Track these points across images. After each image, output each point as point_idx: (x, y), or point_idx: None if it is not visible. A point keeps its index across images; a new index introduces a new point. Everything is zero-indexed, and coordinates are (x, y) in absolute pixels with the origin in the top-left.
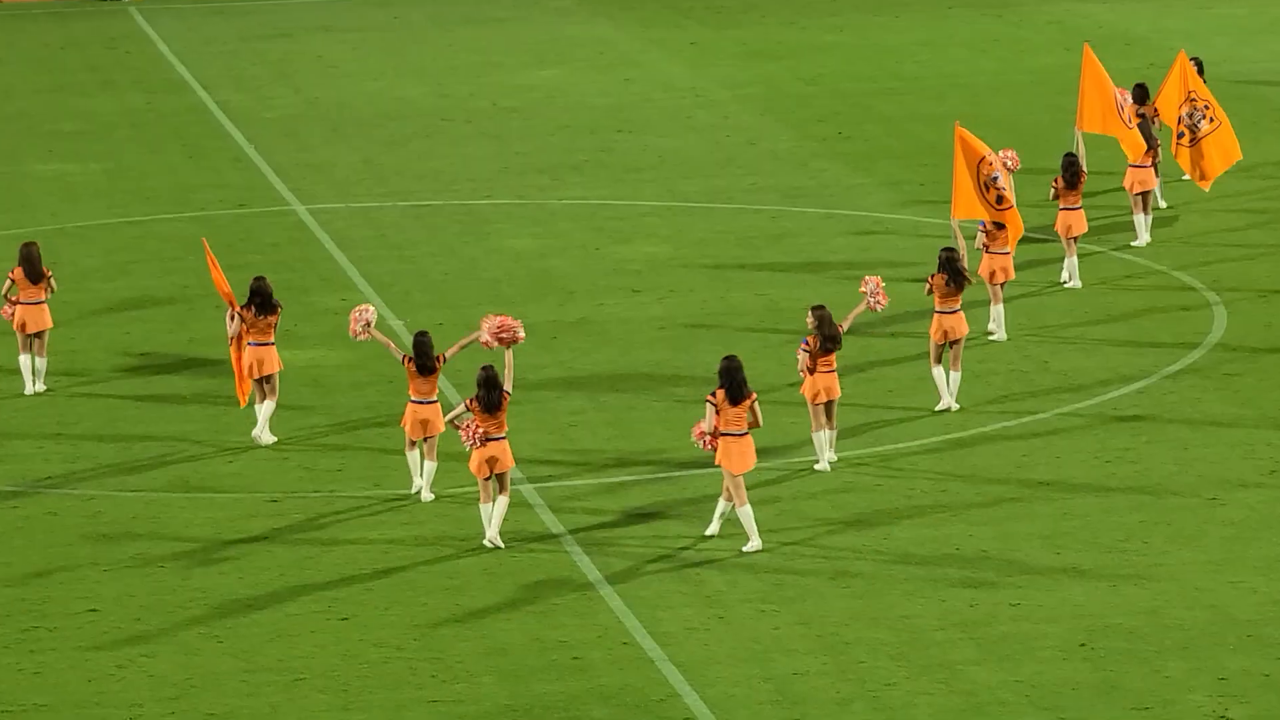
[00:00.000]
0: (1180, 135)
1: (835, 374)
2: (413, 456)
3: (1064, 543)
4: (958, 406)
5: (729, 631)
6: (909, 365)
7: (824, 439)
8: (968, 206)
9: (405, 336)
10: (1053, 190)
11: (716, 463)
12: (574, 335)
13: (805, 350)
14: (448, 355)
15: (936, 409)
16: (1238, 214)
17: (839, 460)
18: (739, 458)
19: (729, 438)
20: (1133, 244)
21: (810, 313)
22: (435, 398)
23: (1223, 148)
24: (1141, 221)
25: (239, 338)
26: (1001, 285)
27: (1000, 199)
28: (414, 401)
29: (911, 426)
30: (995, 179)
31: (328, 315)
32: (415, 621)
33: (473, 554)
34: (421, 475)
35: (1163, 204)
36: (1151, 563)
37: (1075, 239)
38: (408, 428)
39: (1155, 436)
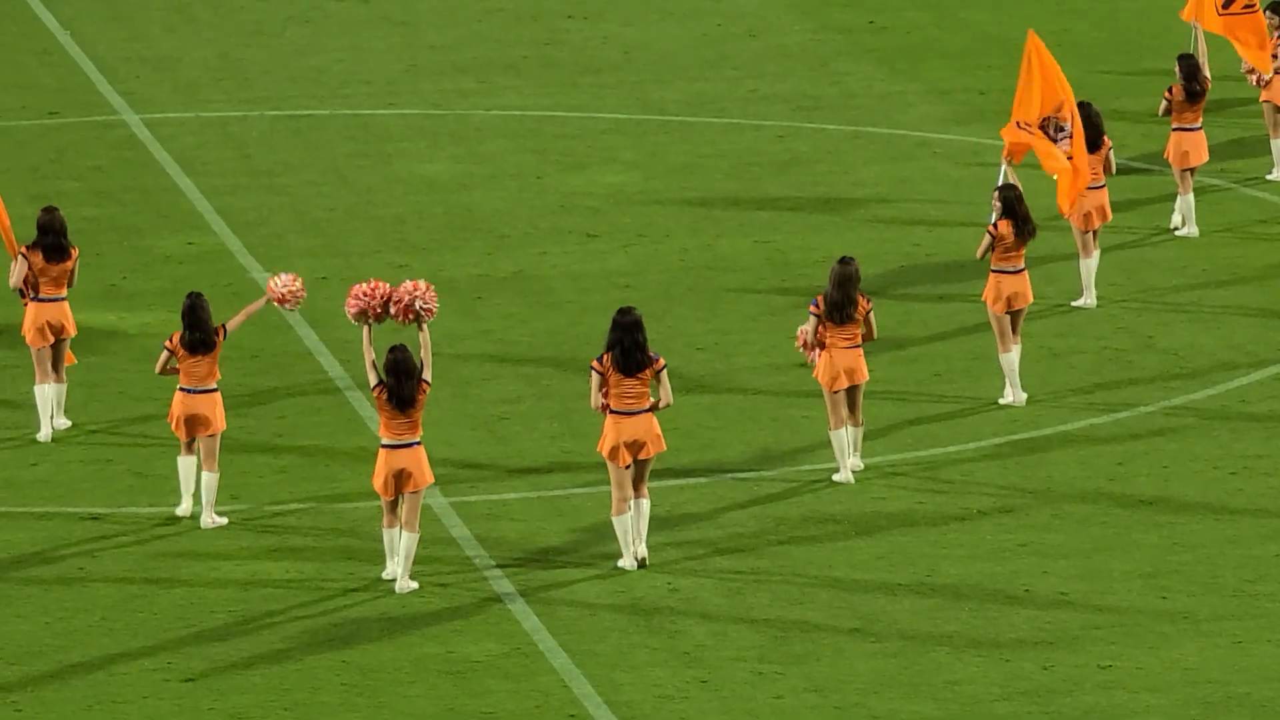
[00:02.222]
0: None
1: (861, 351)
2: (187, 465)
3: (1172, 583)
4: (1024, 398)
5: (715, 701)
6: (962, 340)
7: (846, 439)
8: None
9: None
10: (1164, 103)
11: (598, 449)
12: (506, 296)
13: (814, 313)
14: (230, 326)
15: (1001, 401)
16: None
17: (866, 468)
18: (631, 444)
19: (620, 417)
20: (1269, 176)
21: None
22: (215, 385)
23: None
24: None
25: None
26: (1095, 232)
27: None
28: (184, 391)
29: (966, 423)
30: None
31: (169, 265)
32: (285, 685)
33: (365, 593)
34: (196, 493)
35: None
36: None
37: (1193, 170)
38: (174, 425)
39: None
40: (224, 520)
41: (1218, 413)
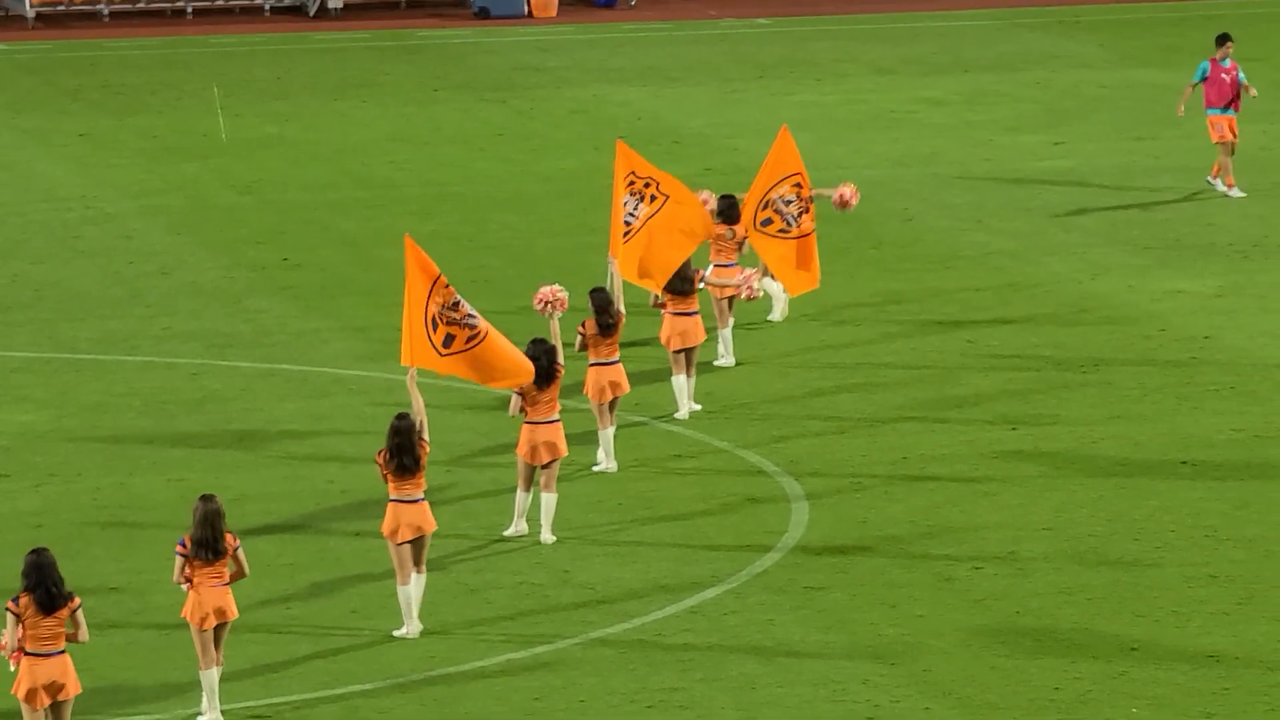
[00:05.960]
0: (767, 222)
1: (229, 589)
2: None
3: None
4: (418, 629)
5: None
6: (382, 577)
7: (209, 682)
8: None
9: None
10: (580, 338)
11: (13, 692)
12: None
13: (181, 553)
14: None
15: (397, 632)
16: (821, 371)
17: (281, 705)
18: (49, 686)
19: (36, 659)
20: (676, 415)
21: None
22: None
23: (806, 262)
24: (683, 386)
25: None
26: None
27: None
28: None
29: (384, 659)
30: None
31: None
32: None
33: None
34: None
35: (722, 360)
36: None
37: (613, 404)
38: None
39: (713, 672)
40: None
41: (634, 645)
